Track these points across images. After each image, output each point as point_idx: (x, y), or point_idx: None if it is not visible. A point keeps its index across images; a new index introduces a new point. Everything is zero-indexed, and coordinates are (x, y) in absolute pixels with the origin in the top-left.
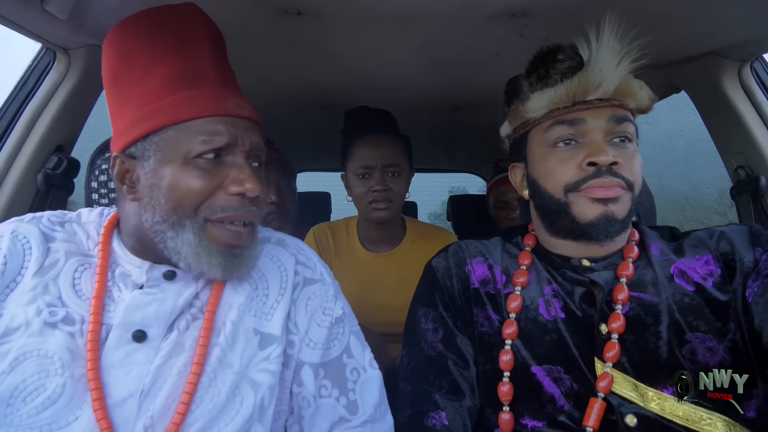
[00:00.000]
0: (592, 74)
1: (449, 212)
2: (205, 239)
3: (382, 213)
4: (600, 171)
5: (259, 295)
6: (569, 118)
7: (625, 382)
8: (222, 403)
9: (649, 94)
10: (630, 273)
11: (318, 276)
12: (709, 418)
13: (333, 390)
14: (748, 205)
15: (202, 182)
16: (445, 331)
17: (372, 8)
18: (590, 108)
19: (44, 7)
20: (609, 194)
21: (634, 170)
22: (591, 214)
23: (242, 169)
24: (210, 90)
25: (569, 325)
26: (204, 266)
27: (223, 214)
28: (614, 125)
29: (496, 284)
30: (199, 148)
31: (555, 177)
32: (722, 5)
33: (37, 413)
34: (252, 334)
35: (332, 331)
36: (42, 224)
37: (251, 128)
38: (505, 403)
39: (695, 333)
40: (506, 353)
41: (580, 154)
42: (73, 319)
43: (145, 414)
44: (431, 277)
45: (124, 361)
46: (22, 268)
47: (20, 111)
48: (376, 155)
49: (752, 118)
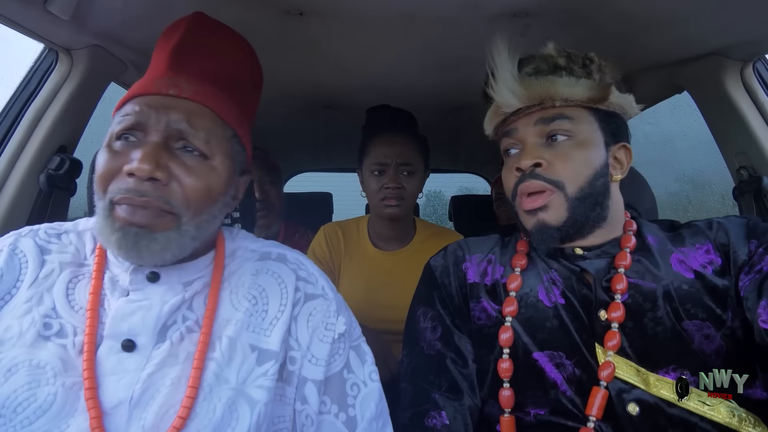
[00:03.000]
0: (498, 92)
1: (451, 212)
2: (109, 218)
3: (393, 210)
4: (524, 176)
5: (258, 311)
6: (506, 128)
7: (627, 368)
8: (218, 419)
9: (589, 85)
10: (628, 263)
11: (320, 291)
12: (712, 402)
13: (332, 406)
14: (751, 205)
15: (105, 163)
16: (443, 330)
17: (373, 9)
18: (521, 117)
19: (47, 7)
20: (535, 204)
21: (565, 168)
22: (529, 225)
23: (143, 148)
24: (153, 74)
25: (569, 311)
26: (105, 244)
27: (119, 196)
28: (543, 127)
29: (495, 275)
30: (114, 129)
31: (506, 185)
32: (724, 5)
33: (30, 423)
34: (249, 350)
35: (334, 347)
36: (38, 237)
37: (179, 109)
38: (505, 379)
39: (693, 321)
40: (506, 330)
41: (516, 162)
42: (66, 331)
43: (136, 423)
44: (429, 276)
45: (116, 369)
46: (18, 280)
47: (23, 111)
48: (391, 153)
49: (755, 119)
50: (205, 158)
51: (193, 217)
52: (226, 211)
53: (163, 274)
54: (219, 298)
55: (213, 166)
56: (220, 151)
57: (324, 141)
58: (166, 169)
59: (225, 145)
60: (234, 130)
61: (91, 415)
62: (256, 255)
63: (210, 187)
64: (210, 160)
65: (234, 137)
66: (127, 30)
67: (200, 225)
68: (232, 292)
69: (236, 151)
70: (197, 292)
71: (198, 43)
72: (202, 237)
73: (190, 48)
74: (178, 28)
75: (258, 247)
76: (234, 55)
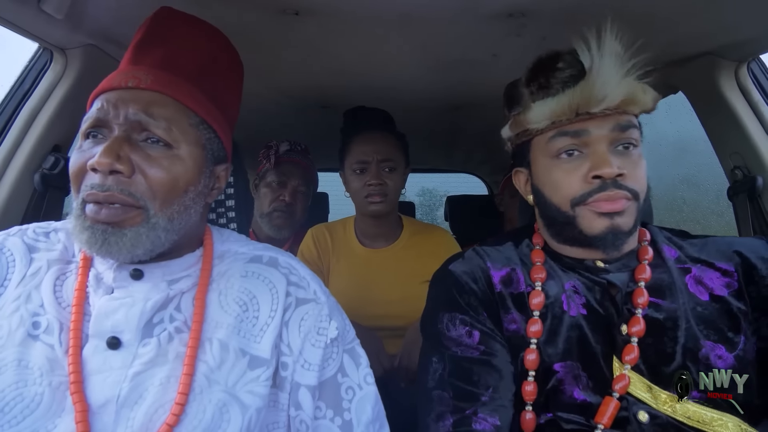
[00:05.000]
0: (595, 87)
1: (447, 213)
2: (80, 217)
3: (378, 206)
4: (605, 184)
5: (249, 317)
6: (572, 129)
7: (639, 384)
8: (207, 421)
9: (653, 96)
10: (648, 276)
11: (311, 295)
12: (720, 419)
13: (327, 411)
14: (745, 205)
15: (74, 162)
16: (480, 333)
17: (369, 8)
18: (594, 118)
19: (41, 6)
20: (615, 208)
21: (638, 179)
22: (597, 228)
23: (107, 143)
24: (117, 70)
25: (590, 322)
26: (78, 243)
27: (86, 192)
28: (618, 134)
29: (519, 285)
30: (82, 129)
31: (561, 190)
32: (719, 6)
33: (17, 422)
34: (241, 355)
35: (327, 352)
36: (27, 236)
37: (137, 100)
38: (528, 402)
39: (707, 341)
40: (531, 352)
41: (584, 166)
42: (53, 329)
43: (124, 423)
44: (453, 281)
45: (101, 367)
46: (6, 279)
47: (17, 111)
48: (371, 151)
49: (749, 119)
50: (169, 147)
51: (161, 209)
52: (203, 201)
53: (146, 272)
54: (207, 300)
55: (178, 155)
56: (186, 139)
57: (321, 141)
58: (128, 161)
59: (191, 132)
60: (201, 116)
61: (77, 410)
62: (246, 257)
63: (176, 177)
64: (174, 149)
65: (202, 124)
66: (121, 29)
67: (171, 216)
68: (221, 293)
69: (207, 139)
70: (184, 291)
71: (160, 35)
72: (177, 229)
73: (151, 40)
74: (144, 23)
75: (248, 249)
76: (198, 44)
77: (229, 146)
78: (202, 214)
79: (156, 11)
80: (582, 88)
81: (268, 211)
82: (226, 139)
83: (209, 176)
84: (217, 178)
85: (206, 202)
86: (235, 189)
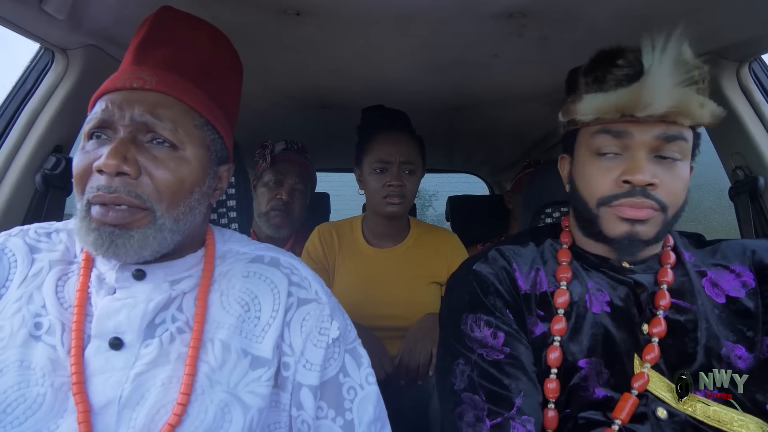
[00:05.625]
0: (645, 92)
1: (448, 213)
2: (85, 219)
3: (395, 208)
4: (634, 190)
5: (250, 317)
6: (616, 128)
7: (660, 383)
8: (209, 421)
9: (712, 111)
10: (670, 279)
11: (313, 296)
12: (741, 419)
13: (329, 411)
14: (747, 205)
15: (79, 164)
16: (506, 335)
17: (370, 9)
18: (639, 122)
19: (42, 7)
20: (638, 215)
21: (673, 192)
22: (616, 231)
23: (111, 144)
24: (120, 70)
25: (615, 320)
26: (83, 245)
27: (92, 194)
28: (662, 143)
29: (542, 285)
30: (85, 129)
31: (591, 187)
32: (720, 6)
33: (20, 423)
34: (242, 355)
35: (328, 352)
36: (28, 236)
37: (143, 101)
38: (551, 400)
39: (726, 341)
40: (554, 350)
41: (619, 168)
42: (55, 329)
43: (126, 423)
44: (479, 282)
45: (103, 368)
46: (7, 280)
47: (18, 111)
48: (394, 152)
49: (750, 119)
50: (174, 149)
51: (167, 210)
52: (207, 202)
53: (148, 272)
54: (209, 300)
55: (184, 156)
56: (191, 140)
57: (321, 141)
58: (135, 162)
59: (196, 133)
60: (205, 117)
61: (79, 411)
62: (248, 257)
63: (182, 178)
64: (180, 150)
65: (206, 125)
66: (122, 29)
67: (177, 218)
68: (223, 294)
69: (211, 139)
70: (186, 292)
71: (162, 36)
72: (182, 230)
73: (154, 40)
74: (145, 23)
75: (250, 249)
76: (200, 45)
77: (230, 147)
78: (205, 215)
79: (157, 11)
80: (633, 90)
81: (265, 211)
82: (228, 139)
83: (213, 177)
84: (219, 178)
85: (209, 202)
86: (236, 189)
